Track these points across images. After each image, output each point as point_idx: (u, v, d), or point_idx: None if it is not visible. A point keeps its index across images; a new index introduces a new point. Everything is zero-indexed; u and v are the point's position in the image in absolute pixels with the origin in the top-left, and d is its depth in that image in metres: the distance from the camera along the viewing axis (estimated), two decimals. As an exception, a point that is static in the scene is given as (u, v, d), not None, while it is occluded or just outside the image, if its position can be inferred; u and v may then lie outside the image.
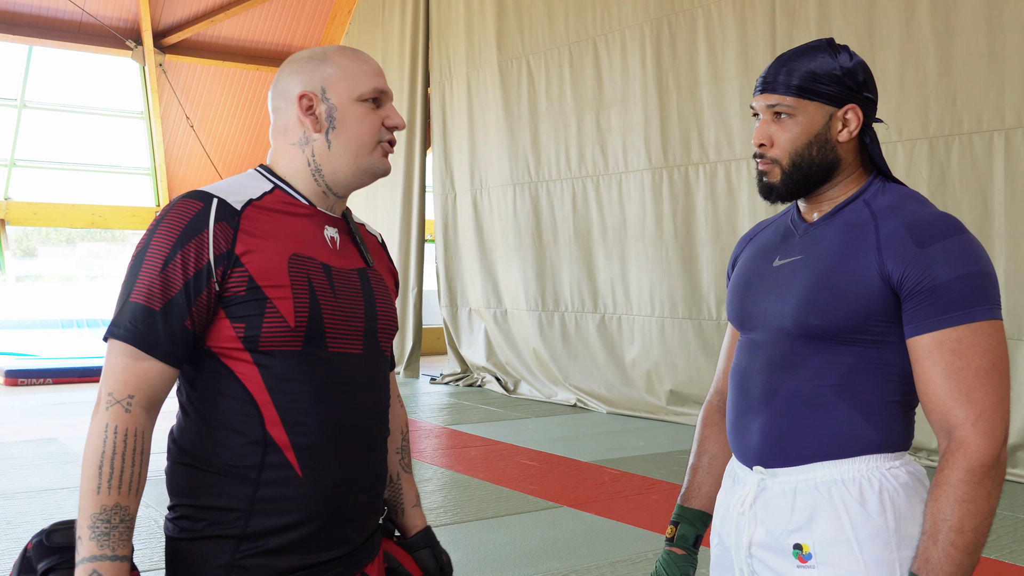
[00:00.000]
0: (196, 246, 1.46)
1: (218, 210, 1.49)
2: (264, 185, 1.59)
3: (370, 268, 1.67)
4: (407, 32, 11.10)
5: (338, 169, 1.59)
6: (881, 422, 1.51)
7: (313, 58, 1.62)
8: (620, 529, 4.72)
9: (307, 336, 1.50)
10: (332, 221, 1.64)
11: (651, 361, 8.28)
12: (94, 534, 1.37)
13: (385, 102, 1.62)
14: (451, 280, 10.74)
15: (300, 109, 1.58)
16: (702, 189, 7.81)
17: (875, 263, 1.49)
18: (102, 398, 1.44)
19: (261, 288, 1.48)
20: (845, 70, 1.57)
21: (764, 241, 1.73)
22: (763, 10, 7.23)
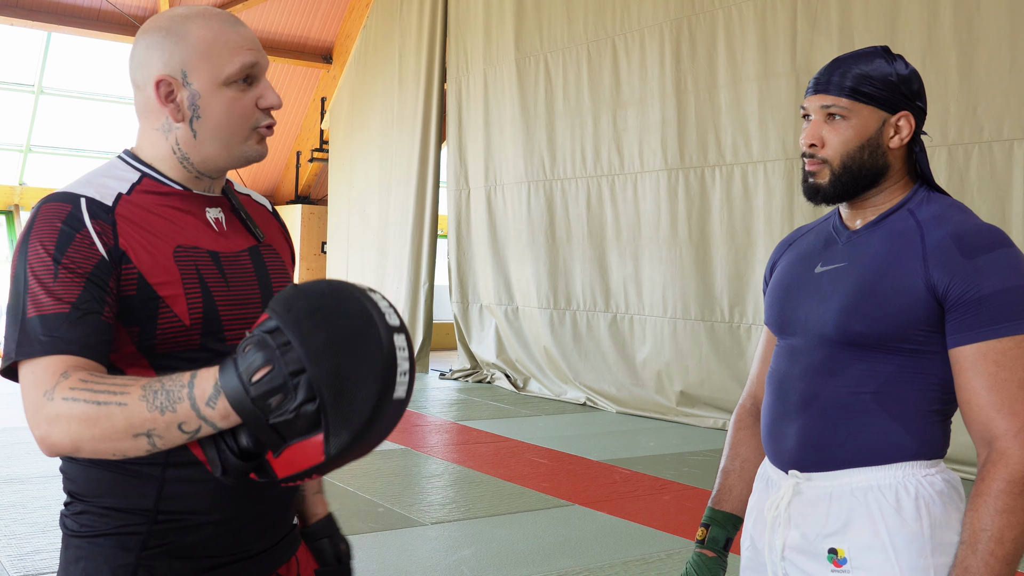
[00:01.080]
0: (81, 243, 1.32)
1: (89, 208, 1.35)
2: (131, 175, 1.44)
3: (262, 244, 1.54)
4: (425, 26, 11.10)
5: (208, 157, 1.44)
6: (919, 430, 1.52)
7: (172, 31, 1.41)
8: (633, 529, 4.73)
9: (204, 332, 1.39)
10: (212, 201, 1.49)
11: (662, 362, 8.29)
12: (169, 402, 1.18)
13: (259, 77, 1.44)
14: (463, 276, 10.75)
15: (159, 96, 1.41)
16: (718, 191, 7.81)
17: (921, 272, 1.49)
18: (41, 405, 1.23)
19: (152, 287, 1.35)
20: (901, 77, 1.57)
21: (805, 247, 1.71)
22: (784, 13, 7.23)
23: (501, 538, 4.56)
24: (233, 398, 1.12)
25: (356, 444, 1.10)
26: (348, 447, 1.10)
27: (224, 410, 1.14)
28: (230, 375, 1.13)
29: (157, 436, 1.18)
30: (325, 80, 13.56)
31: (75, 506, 1.42)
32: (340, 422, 1.09)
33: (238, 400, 1.12)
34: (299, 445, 1.12)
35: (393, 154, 11.64)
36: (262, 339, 1.12)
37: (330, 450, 1.09)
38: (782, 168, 7.28)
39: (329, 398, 1.08)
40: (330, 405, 1.08)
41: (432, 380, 10.49)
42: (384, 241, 11.82)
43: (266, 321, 1.15)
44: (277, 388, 1.10)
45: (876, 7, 6.61)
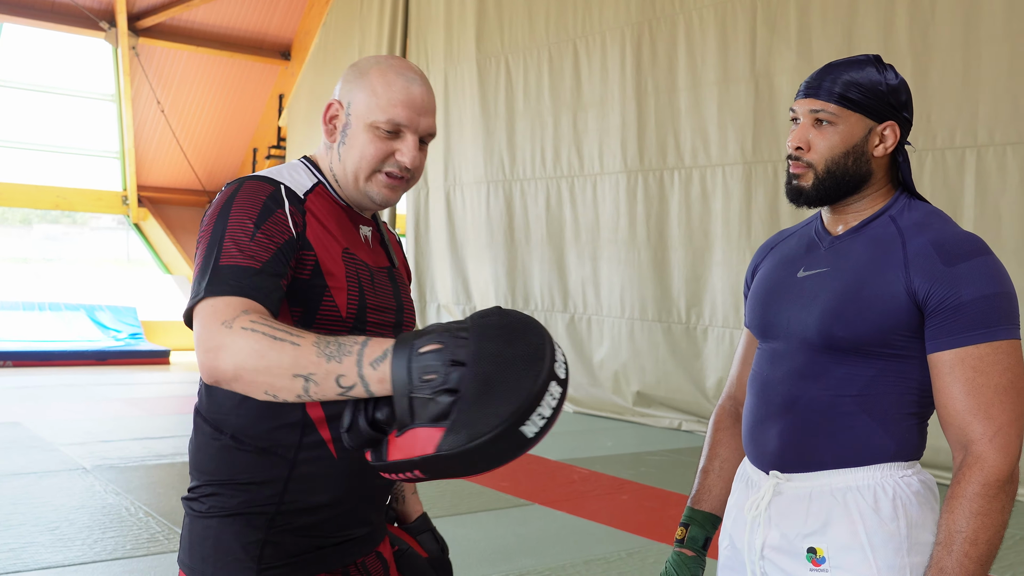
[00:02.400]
0: (279, 219, 1.47)
1: (287, 194, 1.52)
2: (310, 179, 1.61)
3: (394, 267, 1.72)
4: (385, 24, 11.06)
5: (345, 185, 1.61)
6: (897, 432, 1.56)
7: (360, 69, 1.62)
8: (592, 528, 4.77)
9: (353, 327, 1.53)
10: (366, 221, 1.68)
11: (619, 362, 8.35)
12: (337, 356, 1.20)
13: (405, 136, 1.57)
14: (421, 275, 10.74)
15: (325, 115, 1.61)
16: (676, 194, 7.88)
17: (902, 279, 1.52)
18: (216, 332, 1.28)
19: (323, 275, 1.51)
20: (890, 87, 1.60)
21: (787, 251, 1.74)
22: (744, 19, 7.32)
23: (461, 537, 4.57)
24: (396, 361, 1.17)
25: (467, 451, 1.11)
26: (459, 449, 1.11)
27: (383, 374, 1.18)
28: (405, 343, 1.18)
29: (314, 382, 1.21)
30: (283, 77, 13.45)
31: (204, 488, 1.55)
32: (465, 422, 1.11)
33: (400, 364, 1.16)
34: (418, 432, 1.14)
35: (352, 152, 11.57)
36: (447, 327, 1.18)
37: (443, 445, 1.11)
38: (740, 172, 7.37)
39: (468, 396, 1.12)
40: (465, 403, 1.12)
41: (389, 379, 10.45)
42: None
43: (457, 321, 1.21)
44: (434, 367, 1.14)
45: (834, 15, 6.72)
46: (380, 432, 1.21)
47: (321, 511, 1.54)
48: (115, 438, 6.69)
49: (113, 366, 10.85)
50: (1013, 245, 5.81)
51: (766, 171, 7.21)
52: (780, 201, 7.08)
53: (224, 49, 12.80)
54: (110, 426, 7.17)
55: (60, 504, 4.87)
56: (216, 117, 13.41)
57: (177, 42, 12.46)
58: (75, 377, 9.89)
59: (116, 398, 8.61)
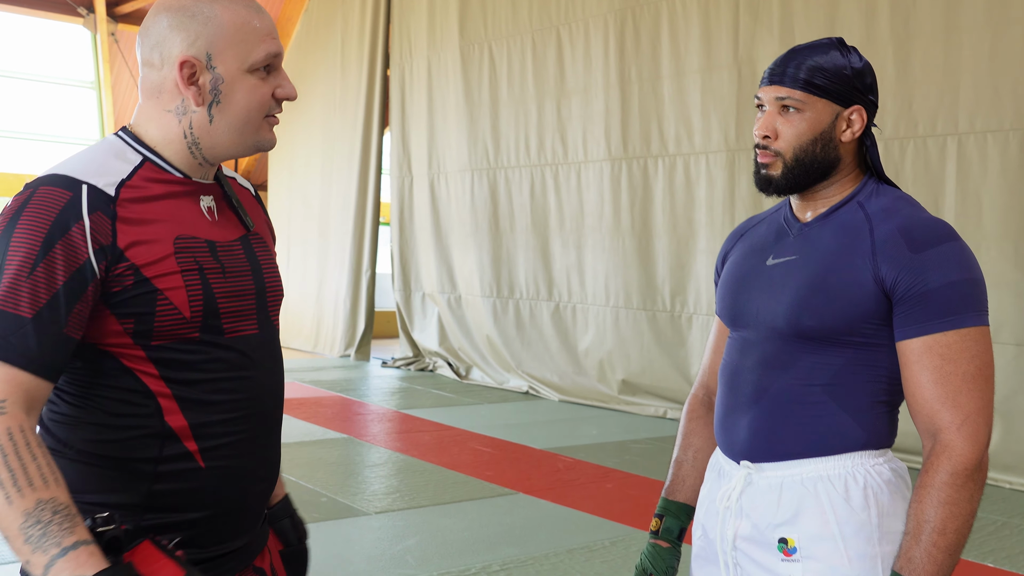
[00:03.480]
0: (69, 242, 1.28)
1: (90, 199, 1.31)
2: (132, 158, 1.41)
3: (251, 233, 1.53)
4: (368, 10, 11.00)
5: (218, 144, 1.43)
6: (867, 420, 1.55)
7: (198, 13, 1.39)
8: (577, 517, 4.77)
9: (204, 324, 1.38)
10: (207, 189, 1.48)
11: (604, 350, 8.35)
12: (32, 542, 1.18)
13: (277, 67, 1.44)
14: (405, 264, 10.70)
15: (181, 77, 1.39)
16: (660, 181, 7.88)
17: (869, 266, 1.51)
18: None
19: (150, 280, 1.34)
20: (855, 70, 1.58)
21: (757, 239, 1.73)
22: (727, 7, 7.30)
23: (445, 527, 4.57)
24: None
25: None
26: None
27: None
28: None
29: (9, 542, 1.21)
30: (265, 64, 13.35)
31: None
32: None
33: None
34: None
35: (335, 140, 11.52)
36: None
37: None
38: (724, 159, 7.37)
39: None
40: None
41: (374, 368, 10.44)
42: (326, 228, 11.72)
43: None
44: None
45: (816, 1, 6.71)
46: None
47: (191, 526, 1.40)
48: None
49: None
50: (994, 232, 5.84)
51: (750, 158, 7.18)
52: (763, 189, 7.07)
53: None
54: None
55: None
56: (198, 105, 13.32)
57: (158, 29, 12.35)
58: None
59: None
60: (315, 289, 11.84)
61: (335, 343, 11.41)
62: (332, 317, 11.52)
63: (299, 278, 12.02)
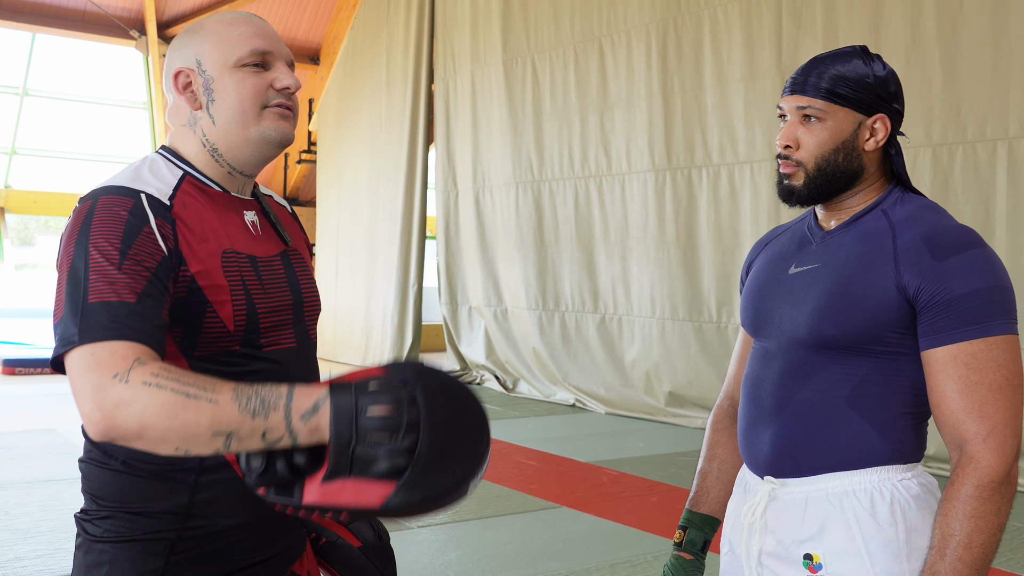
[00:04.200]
0: (146, 238, 1.31)
1: (151, 204, 1.35)
2: (175, 171, 1.45)
3: (289, 249, 1.57)
4: (412, 27, 11.09)
5: (232, 144, 1.45)
6: (893, 434, 1.51)
7: (189, 31, 1.49)
8: (620, 531, 4.73)
9: (244, 338, 1.41)
10: (247, 204, 1.52)
11: (651, 362, 8.29)
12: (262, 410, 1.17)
13: (274, 63, 1.47)
14: (452, 277, 10.74)
15: (178, 88, 1.46)
16: (705, 192, 7.82)
17: (892, 274, 1.48)
18: (108, 387, 1.18)
19: (202, 290, 1.36)
20: (878, 79, 1.56)
21: (780, 247, 1.70)
22: (769, 14, 7.24)
23: (487, 541, 4.55)
24: (338, 415, 1.16)
25: (418, 509, 1.17)
26: (412, 507, 1.16)
27: (315, 426, 1.16)
28: (346, 397, 1.17)
29: (237, 439, 1.17)
30: (313, 81, 13.53)
31: (99, 511, 1.41)
32: (421, 485, 1.15)
33: (342, 422, 1.16)
34: (357, 484, 1.16)
35: (381, 155, 11.62)
36: (393, 384, 1.18)
37: (394, 501, 1.15)
38: (768, 168, 7.29)
39: (424, 462, 1.15)
40: (422, 467, 1.15)
41: (421, 382, 10.46)
42: (373, 243, 11.81)
43: (389, 376, 1.20)
44: (388, 428, 1.15)
45: (860, 7, 6.62)
46: (297, 475, 1.20)
47: (228, 535, 1.43)
48: (147, 443, 6.75)
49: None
50: (1048, 238, 5.69)
51: (795, 167, 7.11)
52: (809, 197, 6.98)
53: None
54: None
55: (90, 510, 4.91)
56: (247, 123, 13.52)
57: (207, 49, 12.58)
58: (111, 383, 10.01)
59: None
60: (364, 303, 11.92)
61: (383, 356, 11.47)
62: (380, 331, 11.59)
63: (348, 292, 12.12)
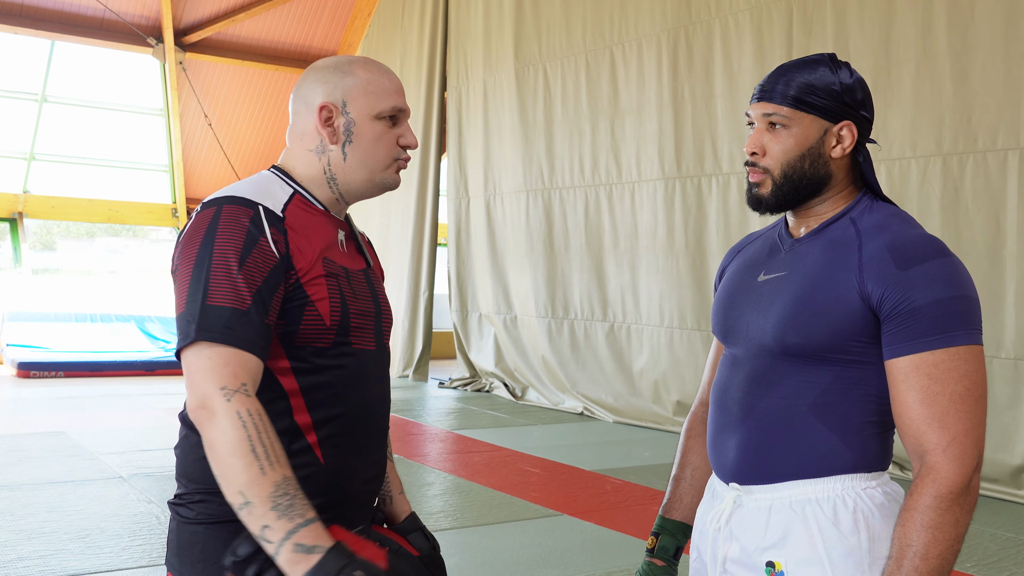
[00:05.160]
0: (263, 249, 1.51)
1: (267, 216, 1.54)
2: (286, 189, 1.64)
3: (369, 268, 1.75)
4: (425, 36, 11.13)
5: (352, 181, 1.65)
6: (857, 442, 1.50)
7: (338, 68, 1.66)
8: (619, 539, 4.71)
9: (338, 333, 1.59)
10: (341, 224, 1.71)
11: (659, 371, 8.27)
12: (281, 511, 1.37)
13: (402, 120, 1.67)
14: (462, 285, 10.75)
15: (319, 119, 1.63)
16: (714, 200, 7.79)
17: (855, 283, 1.48)
18: (214, 395, 1.42)
19: (304, 287, 1.55)
20: (844, 86, 1.56)
21: (751, 255, 1.71)
22: (780, 23, 7.22)
23: (486, 548, 4.55)
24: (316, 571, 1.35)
25: None
26: None
27: (296, 560, 1.35)
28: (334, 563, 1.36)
29: (248, 511, 1.38)
30: (328, 89, 13.58)
31: (193, 495, 1.57)
32: None
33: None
34: None
35: (394, 163, 11.64)
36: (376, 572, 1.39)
37: None
38: (778, 177, 7.25)
39: None
40: None
41: (431, 389, 10.48)
42: (385, 249, 11.84)
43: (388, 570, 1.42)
44: None
45: (871, 16, 6.59)
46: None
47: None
48: (155, 447, 6.79)
49: (161, 376, 11.03)
50: (1058, 249, 5.64)
51: (804, 176, 7.08)
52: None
53: (269, 62, 12.97)
54: (151, 435, 7.28)
55: (94, 512, 4.94)
56: (262, 129, 13.60)
57: (223, 56, 12.65)
58: (123, 387, 10.07)
59: (161, 408, 8.75)
60: (375, 310, 11.94)
61: (394, 364, 11.49)
62: (391, 338, 11.59)
63: (359, 299, 12.13)
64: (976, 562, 4.38)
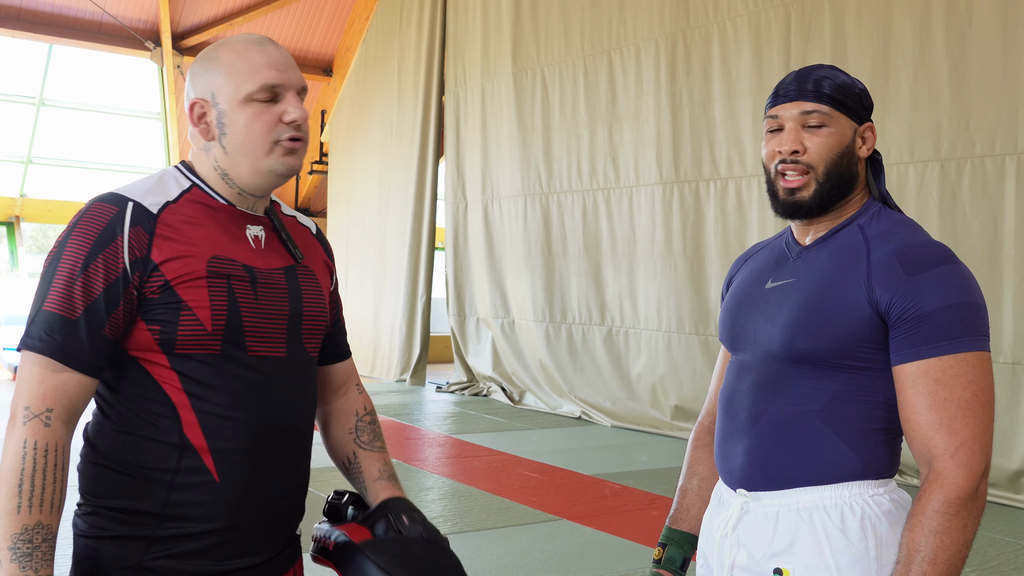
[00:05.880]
0: (112, 252, 1.42)
1: (133, 214, 1.46)
2: (183, 183, 1.55)
3: (299, 264, 1.62)
4: (423, 40, 11.14)
5: (242, 174, 1.54)
6: (865, 449, 1.51)
7: (205, 60, 1.55)
8: (618, 544, 4.71)
9: (225, 340, 1.47)
10: (254, 220, 1.59)
11: (657, 376, 8.27)
12: (16, 555, 1.33)
13: (285, 95, 1.52)
14: (460, 289, 10.75)
15: (192, 118, 1.54)
16: (712, 205, 7.80)
17: (864, 289, 1.48)
18: (18, 412, 1.38)
19: (176, 291, 1.45)
20: (861, 90, 1.60)
21: (759, 263, 1.72)
22: (778, 28, 7.23)
23: (485, 553, 4.54)
24: None
25: None
26: None
27: None
28: None
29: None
30: (325, 93, 13.60)
31: (86, 507, 1.50)
32: None
33: None
34: None
35: (392, 167, 11.66)
36: None
37: None
38: (776, 182, 7.26)
39: None
40: None
41: (429, 393, 10.48)
42: (383, 253, 11.84)
43: None
44: None
45: (869, 22, 6.61)
46: None
47: (205, 537, 1.48)
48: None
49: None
50: (1055, 254, 5.65)
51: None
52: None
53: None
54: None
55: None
56: (260, 134, 13.59)
57: (221, 61, 12.65)
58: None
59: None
60: (372, 314, 11.94)
61: (391, 368, 11.48)
62: (388, 342, 11.60)
63: (356, 303, 12.15)
64: (975, 567, 4.39)
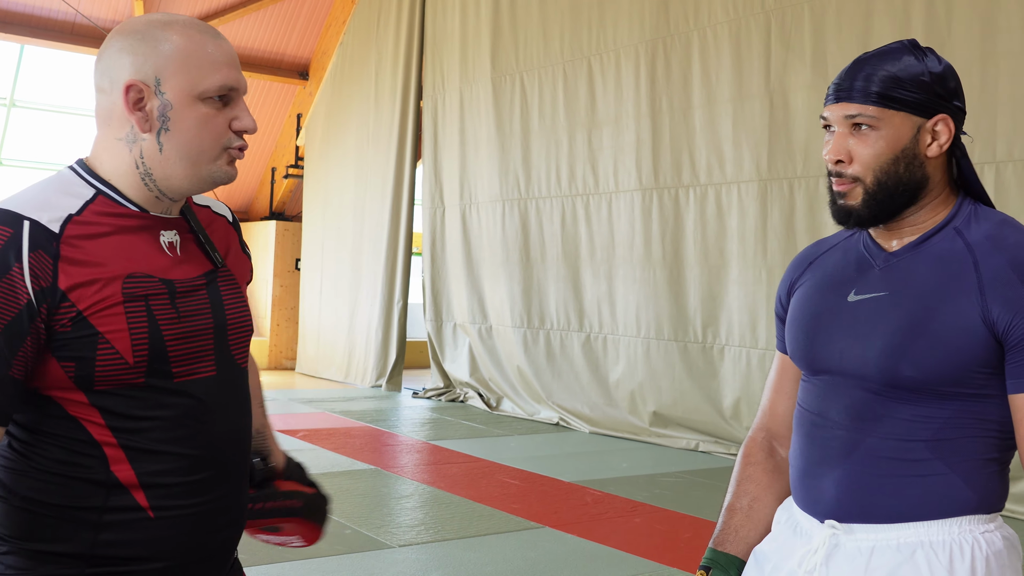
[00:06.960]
0: (9, 283, 1.23)
1: (32, 236, 1.25)
2: (85, 192, 1.34)
3: (219, 268, 1.46)
4: (401, 44, 11.09)
5: (172, 176, 1.35)
6: (978, 481, 1.38)
7: (148, 36, 1.33)
8: (602, 552, 4.68)
9: (149, 370, 1.32)
10: (168, 224, 1.40)
11: (635, 382, 8.26)
12: None
13: (236, 100, 1.37)
14: (437, 294, 10.70)
15: (127, 102, 1.32)
16: (692, 212, 7.81)
17: (977, 307, 1.33)
18: None
19: (91, 323, 1.27)
20: (934, 75, 1.40)
21: (832, 270, 1.53)
22: (758, 35, 7.26)
23: (469, 561, 4.50)
24: None
25: None
26: None
27: None
28: None
29: None
30: (301, 96, 13.51)
31: (3, 547, 1.34)
32: None
33: None
34: None
35: (368, 171, 11.59)
36: None
37: None
38: (756, 189, 7.30)
39: None
40: None
41: (405, 399, 10.41)
42: (359, 258, 11.76)
43: None
44: None
45: (848, 30, 6.65)
46: None
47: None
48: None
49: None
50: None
51: (781, 188, 7.13)
52: (796, 218, 6.99)
53: (242, 69, 12.85)
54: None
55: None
56: (234, 137, 13.47)
57: (196, 63, 12.54)
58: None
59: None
60: (347, 319, 11.86)
61: (367, 373, 11.40)
62: (364, 347, 11.52)
63: (332, 308, 12.06)
64: None
